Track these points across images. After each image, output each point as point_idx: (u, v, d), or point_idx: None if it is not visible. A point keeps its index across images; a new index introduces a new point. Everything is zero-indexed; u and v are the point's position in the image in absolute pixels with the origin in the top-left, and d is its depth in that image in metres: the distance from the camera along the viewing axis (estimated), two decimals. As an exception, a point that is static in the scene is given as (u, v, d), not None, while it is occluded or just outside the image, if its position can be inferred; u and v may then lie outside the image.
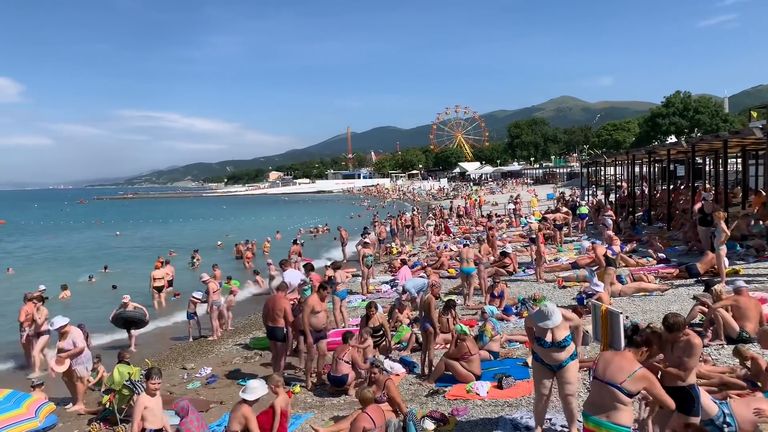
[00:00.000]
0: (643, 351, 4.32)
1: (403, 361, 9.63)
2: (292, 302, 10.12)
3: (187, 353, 12.36)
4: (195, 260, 26.15)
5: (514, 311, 12.20)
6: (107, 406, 8.24)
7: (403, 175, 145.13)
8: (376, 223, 29.64)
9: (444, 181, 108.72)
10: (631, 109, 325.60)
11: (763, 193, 18.03)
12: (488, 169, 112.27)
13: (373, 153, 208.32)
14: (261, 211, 70.69)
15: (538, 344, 5.80)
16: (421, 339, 9.61)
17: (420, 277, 14.24)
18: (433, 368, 8.93)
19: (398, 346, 10.84)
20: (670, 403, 4.24)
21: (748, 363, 6.65)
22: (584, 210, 26.89)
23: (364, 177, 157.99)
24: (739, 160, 26.95)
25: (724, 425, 5.50)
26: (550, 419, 6.41)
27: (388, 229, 28.42)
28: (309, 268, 12.88)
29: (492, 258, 18.55)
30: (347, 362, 8.67)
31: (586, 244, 14.32)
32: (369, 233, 20.34)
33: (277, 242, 31.00)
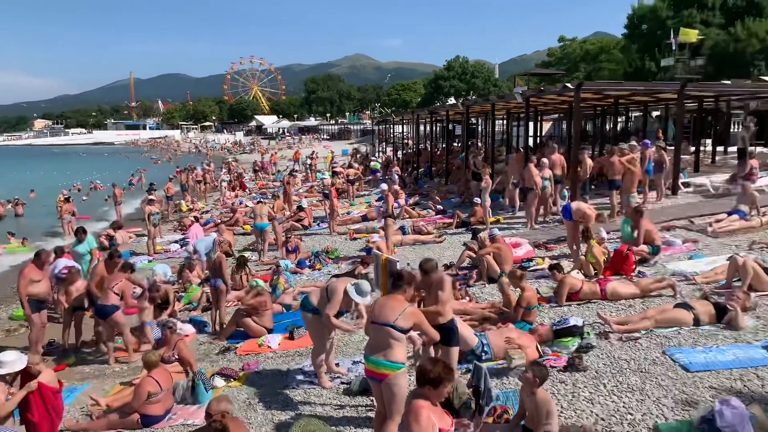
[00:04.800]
0: (407, 289, 4.76)
1: (193, 321, 9.36)
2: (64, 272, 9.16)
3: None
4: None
5: (308, 264, 12.52)
6: None
7: (195, 127, 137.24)
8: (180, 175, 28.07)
9: (240, 135, 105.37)
10: (419, 71, 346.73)
11: (522, 151, 20.66)
12: (285, 123, 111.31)
13: (160, 102, 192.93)
14: (24, 165, 61.65)
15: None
16: (211, 298, 9.40)
17: (212, 234, 13.82)
18: (224, 326, 8.85)
19: (188, 306, 10.49)
20: (435, 335, 4.77)
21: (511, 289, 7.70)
22: (377, 165, 28.36)
23: (151, 128, 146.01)
24: (506, 122, 30.50)
25: (482, 353, 6.37)
26: (338, 363, 6.79)
27: (177, 185, 26.85)
28: (81, 230, 11.57)
29: (288, 213, 18.71)
30: (117, 293, 8.11)
31: (384, 186, 15.16)
32: (155, 189, 19.02)
33: (33, 201, 27.50)
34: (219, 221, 18.27)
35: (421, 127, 36.69)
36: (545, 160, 13.91)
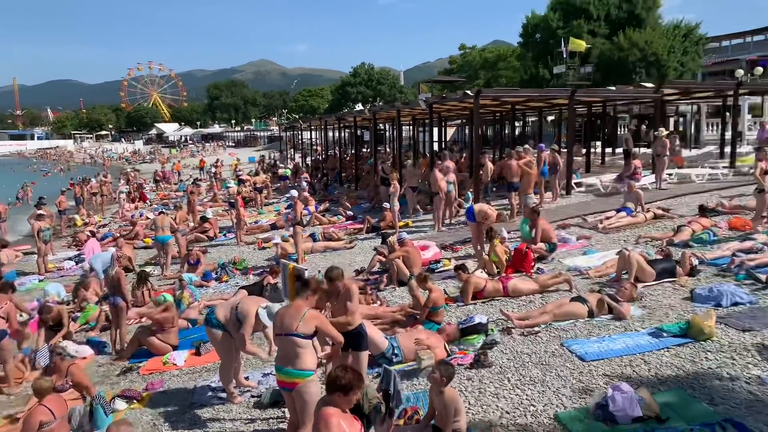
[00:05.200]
0: (310, 296, 4.72)
1: (90, 342, 8.82)
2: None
3: None
4: None
5: (214, 276, 12.15)
6: None
7: (89, 136, 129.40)
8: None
9: (139, 143, 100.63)
10: (325, 77, 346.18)
11: (428, 156, 21.17)
12: (188, 130, 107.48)
13: (49, 110, 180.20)
14: None
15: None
16: (111, 316, 8.90)
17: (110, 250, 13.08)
18: (125, 345, 8.40)
19: (85, 327, 9.87)
20: (339, 337, 4.72)
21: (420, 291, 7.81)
22: (287, 172, 28.08)
23: (40, 137, 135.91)
24: (412, 127, 31.14)
25: (393, 356, 6.45)
26: (247, 377, 6.64)
27: (70, 198, 25.19)
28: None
29: (192, 224, 18.09)
30: (2, 317, 7.43)
31: (294, 193, 14.99)
32: (44, 203, 17.74)
33: None
34: (118, 235, 17.32)
35: (330, 133, 36.68)
36: (449, 164, 14.35)
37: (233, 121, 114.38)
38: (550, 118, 33.21)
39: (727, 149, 18.67)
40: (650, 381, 5.36)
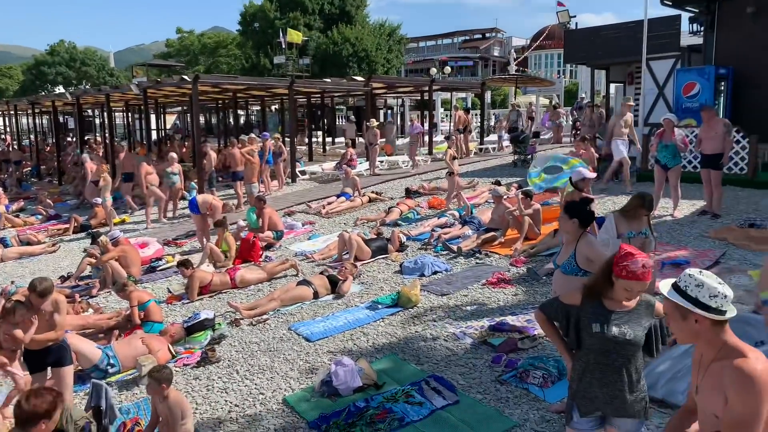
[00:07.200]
0: None
1: None
2: None
3: None
4: None
5: None
6: None
7: None
8: None
9: None
10: (14, 55, 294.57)
11: (145, 144, 19.68)
12: None
13: None
14: None
15: None
16: None
17: None
18: None
19: None
20: (21, 382, 3.94)
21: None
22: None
23: None
24: (128, 114, 28.58)
25: (109, 367, 5.83)
26: None
27: None
28: None
29: None
30: None
31: None
32: None
33: None
34: None
35: (24, 120, 31.55)
36: (173, 155, 13.56)
37: None
38: (274, 107, 33.73)
39: (426, 138, 21.24)
40: (369, 351, 5.82)
